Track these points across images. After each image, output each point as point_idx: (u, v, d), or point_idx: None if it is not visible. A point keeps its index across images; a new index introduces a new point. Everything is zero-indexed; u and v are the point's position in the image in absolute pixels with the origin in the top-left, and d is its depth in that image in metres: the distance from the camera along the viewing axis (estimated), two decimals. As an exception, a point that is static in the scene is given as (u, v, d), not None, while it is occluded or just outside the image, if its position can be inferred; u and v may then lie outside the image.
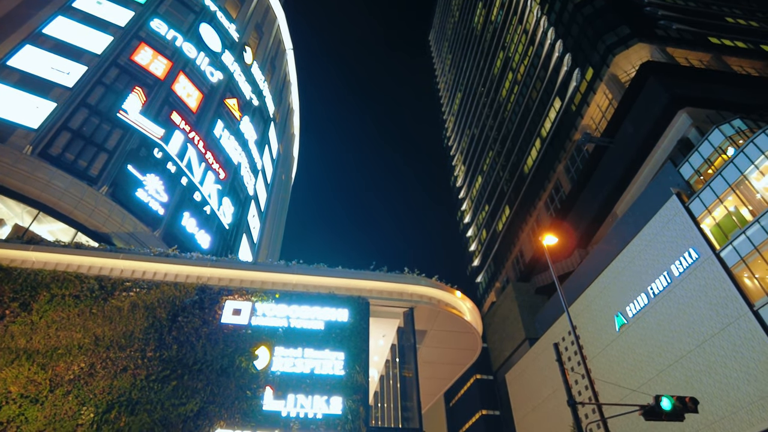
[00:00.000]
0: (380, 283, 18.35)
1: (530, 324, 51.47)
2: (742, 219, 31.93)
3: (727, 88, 42.29)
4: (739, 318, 29.68)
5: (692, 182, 35.94)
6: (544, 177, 61.88)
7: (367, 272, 18.58)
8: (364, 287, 18.29)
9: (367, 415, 15.25)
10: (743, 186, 32.00)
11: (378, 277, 18.46)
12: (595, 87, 51.59)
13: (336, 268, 18.53)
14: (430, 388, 22.85)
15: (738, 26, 54.06)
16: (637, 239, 38.05)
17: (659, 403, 14.79)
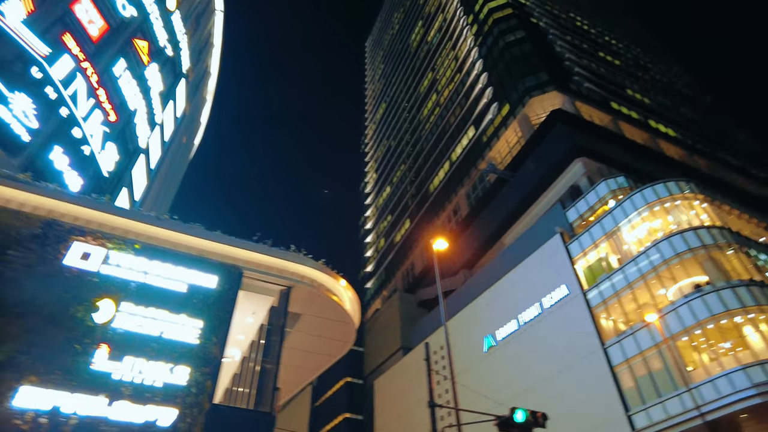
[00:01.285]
0: (259, 255, 17.07)
1: (408, 334, 52.32)
2: (610, 266, 34.98)
3: (618, 148, 46.66)
4: (591, 353, 32.23)
5: (575, 225, 38.82)
6: (446, 198, 63.92)
7: (247, 241, 17.19)
8: (240, 256, 16.90)
9: (213, 390, 13.88)
10: (616, 236, 35.09)
11: (257, 249, 17.16)
12: (508, 123, 54.45)
13: (214, 232, 16.96)
14: (295, 377, 21.83)
15: (635, 99, 60.30)
16: (518, 269, 40.19)
17: (513, 415, 15.15)
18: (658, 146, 53.59)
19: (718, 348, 28.16)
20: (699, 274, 30.48)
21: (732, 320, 27.69)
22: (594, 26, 77.22)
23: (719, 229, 31.70)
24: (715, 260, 30.25)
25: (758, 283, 28.59)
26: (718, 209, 34.72)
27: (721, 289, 28.31)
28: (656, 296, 31.28)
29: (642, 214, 33.89)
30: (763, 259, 32.34)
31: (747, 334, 27.32)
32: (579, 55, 60.96)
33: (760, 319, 27.31)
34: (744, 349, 26.95)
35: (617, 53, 72.15)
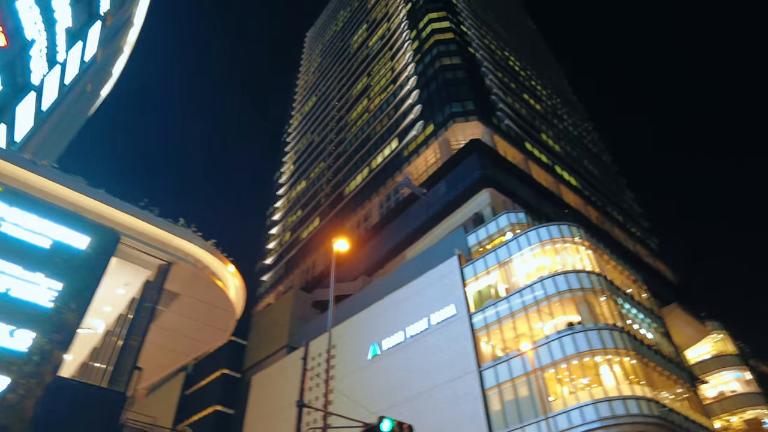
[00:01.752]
0: (141, 223, 15.60)
1: (296, 333, 51.38)
2: (497, 293, 36.87)
3: (524, 186, 49.71)
4: (468, 374, 33.60)
5: (473, 250, 40.55)
6: (359, 203, 64.11)
7: (130, 205, 15.62)
8: (120, 220, 15.36)
9: (61, 361, 12.39)
10: (508, 267, 37.10)
11: (141, 215, 15.66)
12: (429, 142, 55.99)
13: (96, 189, 15.30)
14: (164, 359, 20.29)
15: (547, 144, 64.76)
16: (414, 283, 41.09)
17: (380, 424, 15.16)
18: (559, 191, 57.82)
19: (577, 382, 30.61)
20: (573, 313, 33.08)
21: (593, 359, 30.30)
22: (524, 69, 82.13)
23: (597, 276, 34.68)
24: (589, 303, 33.00)
25: (619, 328, 31.61)
26: (599, 257, 37.99)
27: (589, 330, 30.93)
28: (533, 328, 33.43)
29: (534, 250, 36.17)
30: (627, 308, 35.82)
31: (602, 373, 30.00)
32: (505, 92, 64.36)
33: (615, 360, 30.14)
34: (598, 385, 29.51)
35: (539, 99, 77.22)
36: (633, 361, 30.45)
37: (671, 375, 34.20)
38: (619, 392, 28.44)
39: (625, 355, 30.35)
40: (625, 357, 30.34)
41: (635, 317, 36.26)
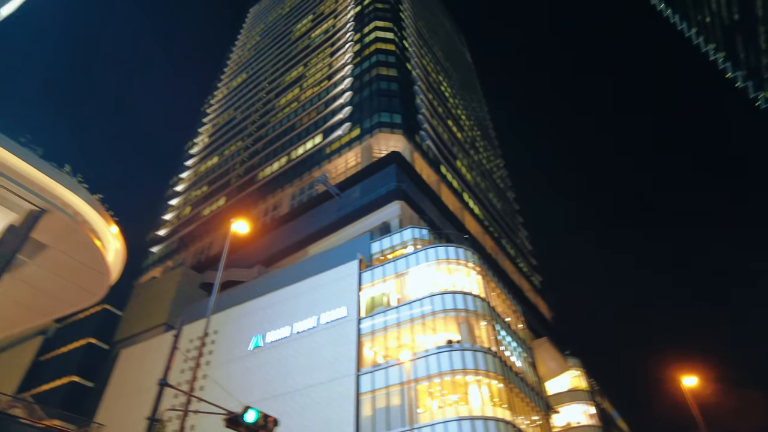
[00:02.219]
0: (15, 159, 13.69)
1: (178, 312, 48.64)
2: (389, 302, 37.70)
3: (432, 206, 51.54)
4: (346, 376, 33.86)
5: (374, 257, 41.20)
6: (271, 191, 62.60)
7: (5, 137, 13.71)
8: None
9: None
10: (403, 278, 38.13)
11: (16, 151, 13.76)
12: (353, 145, 56.26)
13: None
14: (16, 315, 18.12)
15: (460, 171, 67.76)
16: (310, 280, 40.81)
17: (244, 414, 14.75)
18: (463, 217, 60.66)
19: (447, 398, 32.05)
20: (455, 332, 34.70)
21: (465, 378, 31.92)
22: (454, 97, 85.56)
23: (482, 301, 36.72)
24: (470, 324, 34.81)
25: (493, 352, 33.64)
26: (487, 284, 40.27)
27: (466, 350, 32.58)
28: (416, 340, 34.57)
29: (430, 267, 37.55)
30: (503, 335, 38.26)
31: (471, 392, 31.69)
32: (432, 114, 66.56)
33: (485, 382, 32.00)
34: (465, 404, 31.12)
35: (462, 128, 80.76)
36: (500, 385, 32.52)
37: (530, 402, 36.99)
38: (483, 413, 30.20)
39: (494, 379, 32.35)
40: (494, 380, 32.33)
41: (509, 345, 38.83)
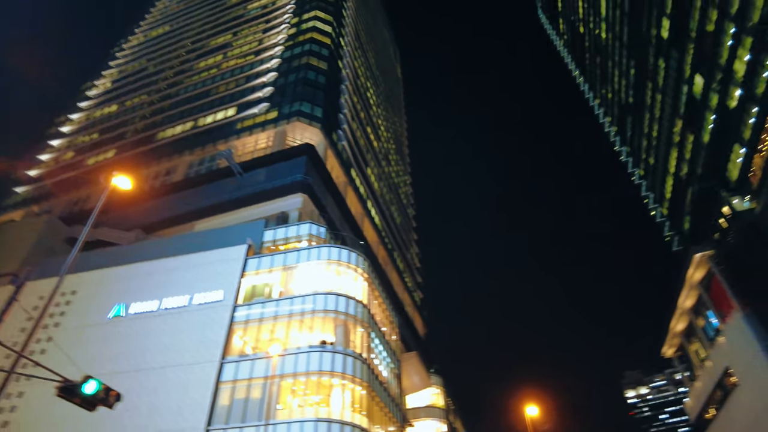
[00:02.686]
0: None
1: (34, 264, 43.38)
2: (270, 294, 36.92)
3: (335, 206, 51.54)
4: (209, 362, 32.47)
5: (265, 245, 40.18)
6: (168, 154, 58.66)
7: None
8: None
9: None
10: (290, 272, 37.61)
11: None
12: (267, 127, 54.68)
13: None
14: None
15: (369, 179, 68.71)
16: (192, 256, 38.74)
17: (84, 383, 13.53)
18: (362, 223, 61.43)
19: (309, 398, 31.98)
20: (330, 333, 34.84)
21: (331, 380, 32.10)
22: (377, 106, 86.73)
23: (363, 307, 37.32)
24: (346, 328, 35.14)
25: (363, 359, 34.27)
26: (371, 292, 41.04)
27: (337, 353, 32.83)
28: (290, 336, 34.14)
29: (320, 266, 37.45)
30: (376, 343, 39.17)
31: (333, 395, 31.94)
32: (353, 116, 66.87)
33: (349, 387, 32.44)
34: (327, 406, 31.29)
35: (379, 137, 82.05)
36: (363, 392, 33.17)
37: (389, 413, 38.15)
38: (342, 417, 30.54)
39: (359, 385, 32.91)
40: (359, 386, 32.89)
41: (380, 353, 39.81)
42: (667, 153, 71.07)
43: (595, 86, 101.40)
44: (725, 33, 48.56)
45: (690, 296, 58.48)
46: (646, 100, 73.69)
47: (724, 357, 53.32)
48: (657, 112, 70.69)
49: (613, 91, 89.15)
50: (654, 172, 78.97)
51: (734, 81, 48.88)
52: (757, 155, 48.04)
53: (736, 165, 51.87)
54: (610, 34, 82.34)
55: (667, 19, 59.99)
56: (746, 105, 47.86)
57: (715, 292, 54.39)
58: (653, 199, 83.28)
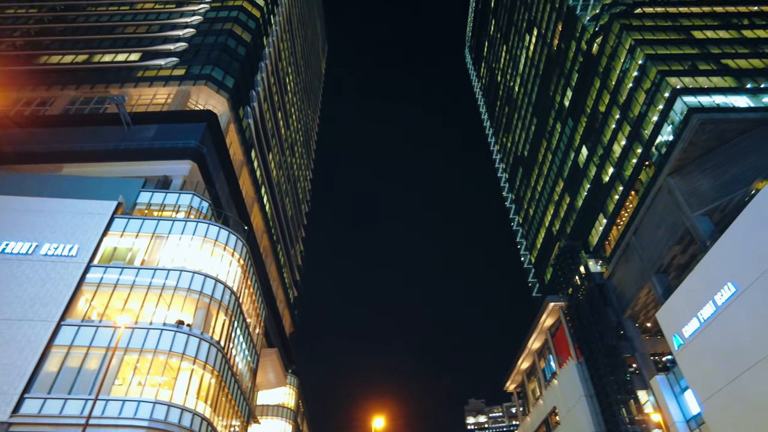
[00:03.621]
0: None
1: None
2: (133, 260, 33.77)
3: (225, 184, 48.91)
4: (44, 321, 28.85)
5: (137, 207, 36.87)
6: (45, 82, 51.55)
7: None
8: None
9: None
10: (160, 241, 34.80)
11: None
12: (170, 83, 50.66)
13: None
14: None
15: (268, 165, 66.45)
16: (52, 201, 34.44)
17: None
18: (252, 208, 59.06)
19: (153, 378, 29.51)
20: (190, 314, 32.62)
21: (180, 363, 29.95)
22: (294, 94, 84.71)
23: (232, 294, 35.59)
24: (209, 312, 33.18)
25: (220, 347, 32.54)
26: (244, 280, 39.37)
27: (192, 335, 30.78)
28: (145, 309, 31.40)
29: (194, 241, 35.14)
30: (237, 334, 37.47)
31: (180, 379, 29.79)
32: (266, 97, 64.50)
33: (198, 373, 30.50)
34: (170, 389, 29.05)
35: (288, 126, 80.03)
36: (213, 381, 31.44)
37: (236, 407, 36.55)
38: (184, 403, 28.57)
39: (210, 373, 31.14)
40: (208, 374, 31.11)
41: (238, 344, 38.15)
42: (545, 208, 78.21)
43: (498, 133, 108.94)
44: (612, 116, 55.01)
45: (538, 339, 64.63)
46: (539, 156, 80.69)
47: (553, 398, 59.54)
48: (545, 170, 77.69)
49: (513, 141, 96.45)
50: (531, 222, 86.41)
51: (611, 160, 55.40)
52: (615, 228, 54.70)
53: (597, 232, 58.51)
54: (522, 90, 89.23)
55: (571, 90, 66.49)
56: (615, 183, 54.44)
57: (558, 339, 60.71)
58: (525, 246, 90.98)
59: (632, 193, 50.71)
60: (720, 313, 31.74)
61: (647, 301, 49.04)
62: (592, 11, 61.64)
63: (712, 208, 39.28)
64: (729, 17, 55.08)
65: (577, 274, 57.33)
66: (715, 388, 32.34)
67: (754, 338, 29.34)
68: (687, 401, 37.48)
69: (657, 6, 56.74)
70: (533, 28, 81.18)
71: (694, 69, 46.39)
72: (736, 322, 30.50)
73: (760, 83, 44.19)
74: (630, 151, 51.01)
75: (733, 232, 31.11)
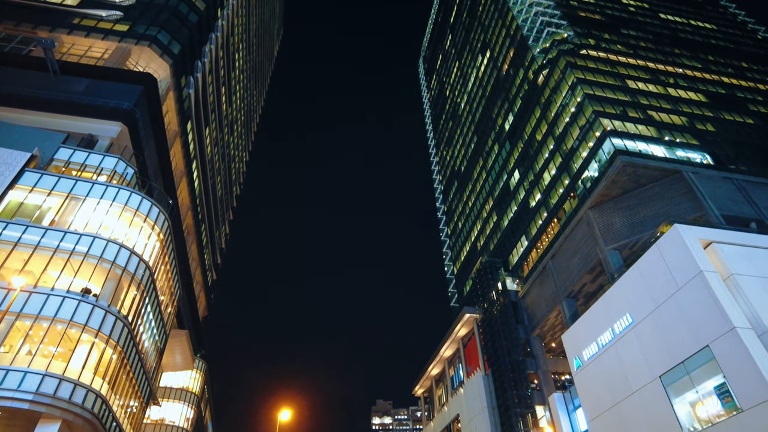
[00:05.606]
0: None
1: None
2: (41, 220, 31.19)
3: (155, 153, 46.40)
4: None
5: (54, 163, 34.27)
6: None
7: None
8: None
9: None
10: (74, 203, 32.41)
11: None
12: (109, 38, 47.17)
13: None
14: None
15: (203, 139, 63.80)
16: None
17: None
18: (180, 183, 56.38)
19: (47, 348, 27.34)
20: (98, 285, 30.59)
21: (80, 334, 27.99)
22: (242, 72, 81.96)
23: (146, 268, 33.78)
24: (120, 285, 31.27)
25: (127, 322, 30.77)
26: (162, 255, 37.49)
27: (97, 306, 28.88)
28: (48, 274, 29.04)
29: (113, 208, 33.07)
30: (147, 311, 35.59)
31: (78, 352, 27.80)
32: (212, 69, 61.97)
33: (99, 347, 28.62)
34: (64, 361, 27.02)
35: (230, 103, 77.27)
36: (114, 357, 29.65)
37: (137, 386, 34.65)
38: (78, 377, 26.68)
39: (112, 348, 29.34)
40: (111, 349, 29.31)
41: (147, 322, 36.26)
42: (473, 223, 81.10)
43: (440, 145, 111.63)
44: (546, 146, 58.17)
45: (450, 347, 66.75)
46: (474, 174, 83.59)
47: (458, 406, 61.76)
48: (478, 187, 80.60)
49: (452, 155, 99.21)
50: (458, 235, 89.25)
51: (539, 186, 58.53)
52: (535, 250, 57.77)
53: (518, 252, 61.51)
54: (467, 108, 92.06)
55: (512, 116, 69.54)
56: (540, 209, 57.53)
57: (469, 349, 63.07)
58: (450, 257, 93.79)
59: (555, 220, 53.85)
60: (616, 341, 34.44)
61: (555, 322, 52.22)
62: (543, 44, 64.89)
63: (623, 244, 42.61)
64: (658, 74, 60.14)
65: (495, 289, 59.93)
66: (602, 409, 35.00)
67: (637, 368, 32.18)
68: (578, 419, 40.27)
69: (600, 51, 60.81)
70: (486, 50, 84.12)
71: (624, 114, 50.15)
72: (627, 351, 33.28)
73: (676, 138, 48.56)
74: (558, 180, 54.15)
75: (636, 268, 33.91)
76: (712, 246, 30.02)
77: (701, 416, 28.20)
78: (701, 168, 44.25)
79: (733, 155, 47.79)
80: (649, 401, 31.07)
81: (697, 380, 28.16)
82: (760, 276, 28.32)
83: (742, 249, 29.97)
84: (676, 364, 29.34)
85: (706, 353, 27.21)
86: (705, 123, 52.28)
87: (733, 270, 28.57)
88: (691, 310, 28.58)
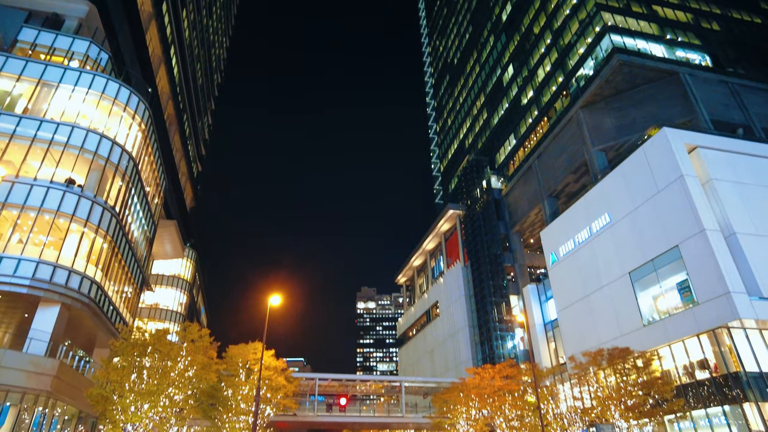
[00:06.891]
0: None
1: None
2: (12, 107, 29.88)
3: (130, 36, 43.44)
4: None
5: (19, 45, 32.01)
6: None
7: None
8: None
9: None
10: (47, 90, 31.02)
11: None
12: None
13: None
14: None
15: (180, 22, 59.51)
16: None
17: None
18: (158, 69, 53.55)
19: (37, 237, 27.70)
20: (82, 175, 30.28)
21: (69, 224, 28.25)
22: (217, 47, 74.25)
23: (130, 158, 33.31)
24: (104, 175, 30.91)
25: (115, 213, 31.00)
26: (144, 146, 36.78)
27: (84, 197, 28.87)
28: (29, 164, 28.53)
29: (89, 95, 31.63)
30: (134, 201, 35.73)
31: (69, 241, 28.28)
32: None
33: (89, 236, 29.09)
34: (56, 249, 27.58)
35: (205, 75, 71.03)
36: (105, 245, 30.27)
37: (129, 273, 35.85)
38: (72, 265, 27.42)
39: (102, 237, 29.85)
40: (100, 238, 29.82)
41: (135, 213, 36.56)
42: (462, 120, 79.91)
43: (433, 34, 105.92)
44: (543, 41, 55.61)
45: (433, 241, 69.37)
46: (467, 67, 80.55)
47: (438, 293, 65.76)
48: (470, 82, 78.16)
49: (445, 46, 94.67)
50: (447, 132, 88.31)
51: (533, 83, 56.95)
52: (522, 149, 57.84)
53: (506, 151, 61.56)
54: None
55: (511, 6, 65.41)
56: (532, 107, 56.58)
57: (451, 243, 65.69)
58: (437, 154, 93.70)
59: (545, 119, 53.27)
60: (592, 239, 35.96)
61: (535, 220, 53.95)
62: None
63: (610, 145, 42.75)
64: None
65: (479, 187, 60.88)
66: (572, 300, 37.55)
67: (609, 265, 34.05)
68: (549, 309, 43.38)
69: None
70: (487, -73, 76.64)
71: (628, 9, 47.50)
72: (602, 249, 34.96)
73: (678, 36, 46.63)
74: (552, 78, 52.64)
75: (620, 170, 34.42)
76: (696, 151, 30.33)
77: (660, 308, 30.57)
78: (699, 70, 43.14)
79: (733, 57, 46.41)
80: (616, 294, 33.39)
81: (662, 276, 30.08)
82: (738, 182, 29.06)
83: (725, 155, 30.39)
84: (646, 261, 31.06)
85: (674, 252, 28.75)
86: (711, 21, 49.98)
87: (712, 175, 29.17)
88: (667, 212, 29.64)
